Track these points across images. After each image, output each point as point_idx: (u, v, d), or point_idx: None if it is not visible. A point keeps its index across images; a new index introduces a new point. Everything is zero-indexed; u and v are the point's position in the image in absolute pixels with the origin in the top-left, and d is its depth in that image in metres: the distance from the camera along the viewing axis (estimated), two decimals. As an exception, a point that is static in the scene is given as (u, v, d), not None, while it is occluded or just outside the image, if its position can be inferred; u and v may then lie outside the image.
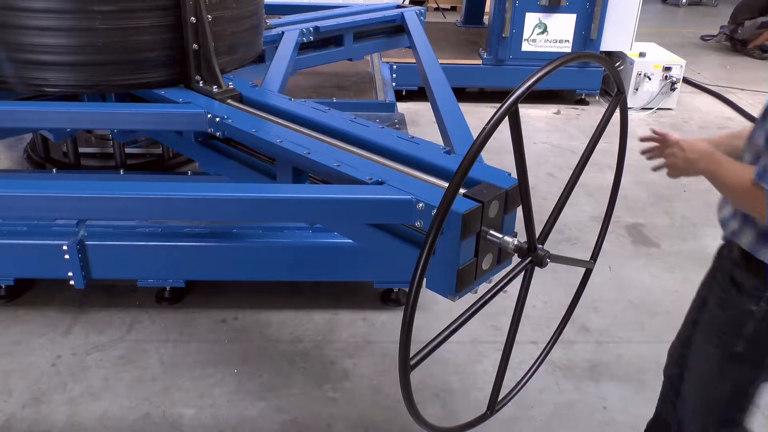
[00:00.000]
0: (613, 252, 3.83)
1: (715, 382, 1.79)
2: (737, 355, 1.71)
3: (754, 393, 1.79)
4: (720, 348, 1.75)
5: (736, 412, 1.82)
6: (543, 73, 1.32)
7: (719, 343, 1.75)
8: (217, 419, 2.62)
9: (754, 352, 1.69)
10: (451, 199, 1.30)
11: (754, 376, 1.74)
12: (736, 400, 1.80)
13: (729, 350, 1.72)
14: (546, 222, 1.66)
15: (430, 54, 3.11)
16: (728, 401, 1.80)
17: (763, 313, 1.63)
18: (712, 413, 1.84)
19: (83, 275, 2.98)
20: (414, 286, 1.31)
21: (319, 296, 3.39)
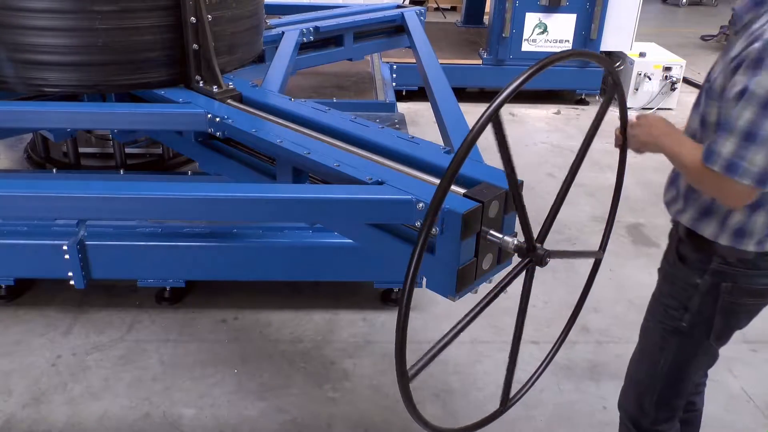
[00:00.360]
0: (613, 252, 3.83)
1: (656, 356, 1.81)
2: (680, 328, 1.73)
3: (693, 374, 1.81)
4: (664, 322, 1.78)
5: (674, 393, 1.83)
6: (528, 75, 1.33)
7: (664, 316, 1.78)
8: (217, 419, 2.62)
9: (697, 327, 1.71)
10: (442, 195, 1.31)
11: (695, 352, 1.75)
12: (675, 379, 1.81)
13: (673, 324, 1.75)
14: (545, 221, 1.66)
15: (430, 54, 3.11)
16: (666, 378, 1.81)
17: (707, 286, 1.66)
18: (651, 390, 1.85)
19: (83, 275, 2.98)
20: (407, 285, 1.30)
21: (319, 296, 3.39)
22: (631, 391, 1.96)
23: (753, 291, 1.66)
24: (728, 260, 1.62)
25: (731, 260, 1.62)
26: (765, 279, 1.65)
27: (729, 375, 2.92)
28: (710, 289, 1.66)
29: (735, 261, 1.62)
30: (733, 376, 2.91)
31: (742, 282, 1.64)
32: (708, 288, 1.66)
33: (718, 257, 1.63)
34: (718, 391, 2.82)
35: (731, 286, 1.64)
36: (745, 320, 1.74)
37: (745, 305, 1.68)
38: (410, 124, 5.09)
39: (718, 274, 1.64)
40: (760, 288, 1.66)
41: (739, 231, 1.58)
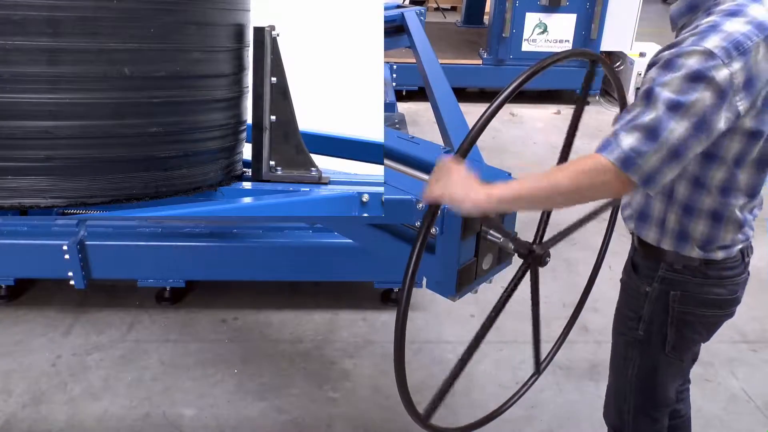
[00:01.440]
0: (613, 252, 3.82)
1: (623, 367, 1.79)
2: (638, 338, 1.70)
3: (662, 383, 1.77)
4: (624, 333, 1.75)
5: (649, 403, 1.80)
6: (524, 78, 1.35)
7: (623, 328, 1.75)
8: (217, 419, 2.62)
9: (652, 337, 1.67)
10: None
11: (656, 362, 1.71)
12: (644, 389, 1.78)
13: (632, 335, 1.72)
14: (540, 221, 1.67)
15: (430, 54, 3.10)
16: (637, 389, 1.78)
17: (656, 293, 1.62)
18: (626, 402, 1.83)
19: (83, 275, 2.98)
20: (405, 287, 1.31)
21: (319, 296, 3.39)
22: (611, 402, 1.93)
23: (705, 301, 1.60)
24: (674, 267, 1.58)
25: (677, 267, 1.57)
26: (717, 289, 1.59)
27: (729, 375, 2.91)
28: (659, 297, 1.62)
29: (681, 268, 1.57)
30: (733, 376, 2.91)
31: (691, 290, 1.58)
32: (657, 296, 1.62)
33: (665, 264, 1.59)
34: (718, 391, 2.82)
35: (680, 294, 1.59)
36: (704, 332, 1.69)
37: (699, 315, 1.62)
38: (410, 124, 5.08)
39: (665, 281, 1.60)
40: (712, 298, 1.59)
41: (680, 234, 1.54)
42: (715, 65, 1.26)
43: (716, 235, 1.52)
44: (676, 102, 1.27)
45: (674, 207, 1.54)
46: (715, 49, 1.27)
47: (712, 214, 1.50)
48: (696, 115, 1.27)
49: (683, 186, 1.50)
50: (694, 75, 1.27)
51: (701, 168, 1.46)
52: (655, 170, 1.29)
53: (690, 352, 1.74)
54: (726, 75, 1.27)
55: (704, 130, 1.28)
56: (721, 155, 1.43)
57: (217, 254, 3.02)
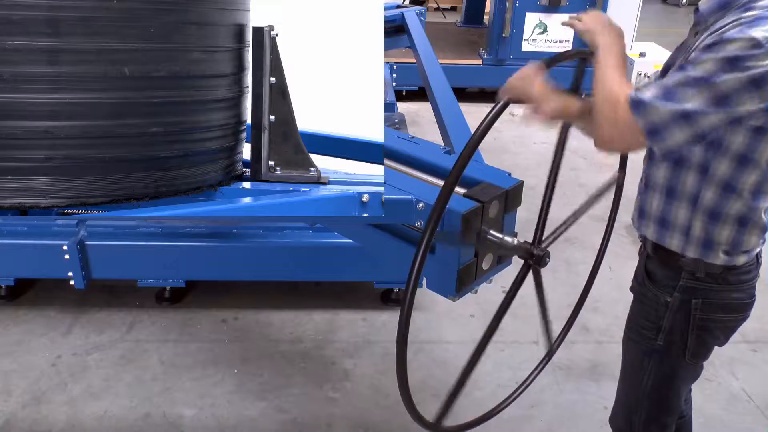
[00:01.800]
0: (613, 252, 3.82)
1: (638, 376, 1.77)
2: (656, 348, 1.68)
3: (678, 391, 1.76)
4: (640, 343, 1.73)
5: (662, 411, 1.80)
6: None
7: (639, 336, 1.73)
8: (217, 419, 2.62)
9: (672, 346, 1.66)
10: (447, 195, 1.31)
11: (675, 371, 1.71)
12: (659, 397, 1.77)
13: (648, 345, 1.70)
14: (537, 221, 1.67)
15: (430, 54, 3.10)
16: (651, 397, 1.77)
17: (677, 304, 1.61)
18: (638, 410, 1.82)
19: (83, 275, 2.98)
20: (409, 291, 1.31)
21: (319, 296, 3.39)
22: (620, 410, 1.92)
23: (725, 306, 1.60)
24: (696, 275, 1.57)
25: (699, 275, 1.56)
26: (736, 293, 1.58)
27: (729, 375, 2.91)
28: (681, 307, 1.61)
29: (703, 276, 1.56)
30: (733, 376, 2.91)
31: (712, 297, 1.58)
32: (678, 305, 1.61)
33: (687, 273, 1.57)
34: (718, 391, 2.82)
35: (702, 302, 1.58)
36: (722, 337, 1.68)
37: (719, 321, 1.62)
38: (410, 124, 5.08)
39: (687, 290, 1.59)
40: (732, 303, 1.59)
41: (705, 242, 1.53)
42: (758, 54, 1.24)
43: (740, 240, 1.51)
44: (703, 78, 1.27)
45: (699, 214, 1.52)
46: (763, 39, 1.25)
47: (739, 219, 1.49)
48: (719, 91, 1.26)
49: (711, 191, 1.48)
50: (731, 59, 1.25)
51: (735, 172, 1.45)
52: (661, 123, 1.29)
53: (707, 357, 1.73)
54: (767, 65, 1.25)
55: (724, 106, 1.28)
56: (756, 159, 1.42)
57: (217, 254, 3.02)
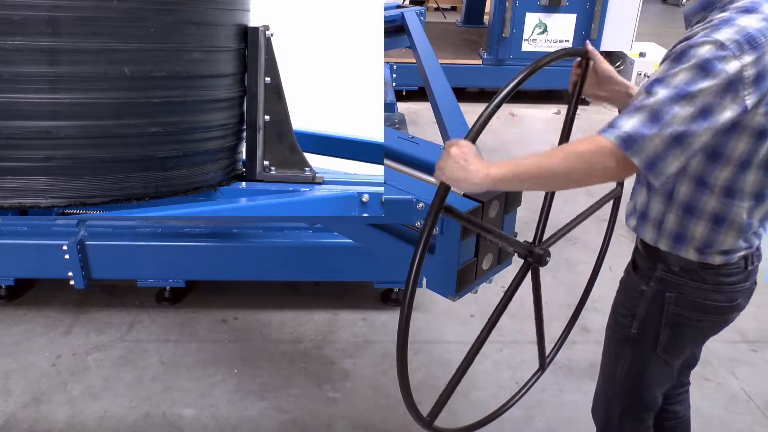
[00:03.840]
0: (613, 252, 3.81)
1: (614, 365, 1.79)
2: (630, 336, 1.70)
3: (651, 383, 1.77)
4: (617, 331, 1.76)
5: (637, 403, 1.81)
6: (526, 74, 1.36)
7: (616, 326, 1.76)
8: (217, 419, 2.62)
9: (645, 336, 1.67)
10: (444, 194, 1.31)
11: (646, 361, 1.71)
12: (632, 389, 1.78)
13: (624, 332, 1.72)
14: (538, 221, 1.67)
15: (430, 54, 3.10)
16: (625, 388, 1.79)
17: (652, 292, 1.62)
18: (615, 400, 1.84)
19: (83, 275, 2.98)
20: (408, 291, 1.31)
21: (319, 296, 3.39)
22: (599, 401, 1.94)
23: (700, 306, 1.58)
24: (672, 268, 1.57)
25: (675, 268, 1.57)
26: (715, 294, 1.57)
27: (729, 375, 2.91)
28: (655, 297, 1.61)
29: (678, 270, 1.57)
30: (733, 376, 2.91)
31: (687, 294, 1.57)
32: (653, 295, 1.62)
33: (663, 264, 1.59)
34: (718, 391, 2.82)
35: (676, 296, 1.58)
36: (697, 337, 1.69)
37: (694, 319, 1.61)
38: (410, 124, 5.09)
39: (662, 282, 1.60)
40: (707, 304, 1.58)
41: (677, 236, 1.54)
42: (725, 56, 1.25)
43: (715, 238, 1.50)
44: (681, 91, 1.26)
45: (674, 207, 1.52)
46: (727, 41, 1.26)
47: (713, 216, 1.48)
48: (700, 103, 1.25)
49: (685, 185, 1.48)
50: (702, 64, 1.25)
51: (706, 167, 1.44)
52: (657, 154, 1.27)
53: (682, 355, 1.73)
54: (736, 67, 1.25)
55: (708, 118, 1.26)
56: (726, 154, 1.40)
57: (217, 254, 3.02)
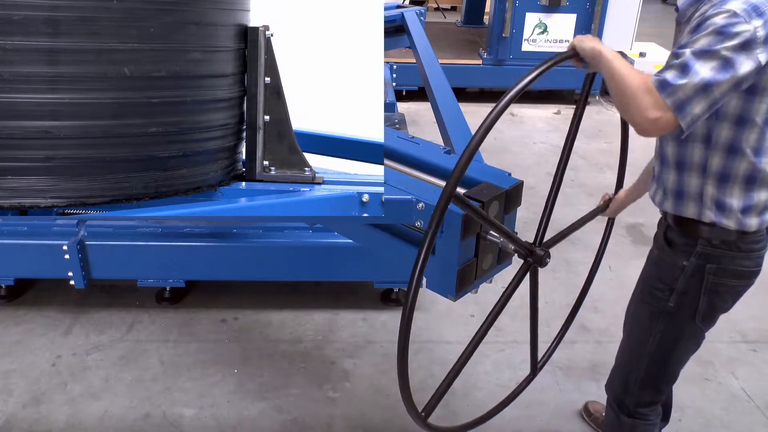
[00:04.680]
0: (613, 252, 3.82)
1: (644, 336, 1.90)
2: (667, 309, 1.82)
3: (678, 357, 1.90)
4: (651, 304, 1.86)
5: (659, 376, 1.93)
6: (537, 74, 1.36)
7: (651, 298, 1.86)
8: (217, 419, 2.62)
9: (683, 307, 1.79)
10: (449, 197, 1.31)
11: (681, 333, 1.84)
12: (661, 360, 1.90)
13: (659, 305, 1.83)
14: (540, 221, 1.67)
15: (430, 54, 3.10)
16: (653, 358, 1.90)
17: (693, 268, 1.75)
18: (636, 370, 1.95)
19: (83, 275, 2.98)
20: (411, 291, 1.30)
21: (319, 296, 3.39)
22: (618, 372, 2.05)
23: (736, 272, 1.74)
24: (713, 243, 1.71)
25: (715, 242, 1.70)
26: (747, 261, 1.73)
27: (729, 375, 2.91)
28: (696, 271, 1.74)
29: (719, 243, 1.70)
30: (733, 376, 2.91)
31: (726, 264, 1.72)
32: (694, 270, 1.74)
33: (704, 240, 1.71)
34: (718, 391, 2.82)
35: (716, 267, 1.72)
36: (729, 302, 1.82)
37: (729, 286, 1.76)
38: (410, 124, 5.09)
39: (703, 256, 1.72)
40: (742, 270, 1.74)
41: (719, 204, 1.66)
42: (738, 22, 1.43)
43: (752, 197, 1.65)
44: (704, 49, 1.43)
45: (710, 179, 1.66)
46: (738, 9, 1.44)
47: (746, 178, 1.63)
48: (722, 58, 1.42)
49: (718, 156, 1.63)
50: (719, 30, 1.43)
51: (736, 133, 1.59)
52: (686, 98, 1.42)
53: (714, 321, 1.85)
54: (749, 29, 1.42)
55: (729, 70, 1.43)
56: (752, 118, 1.56)
57: (217, 254, 3.02)
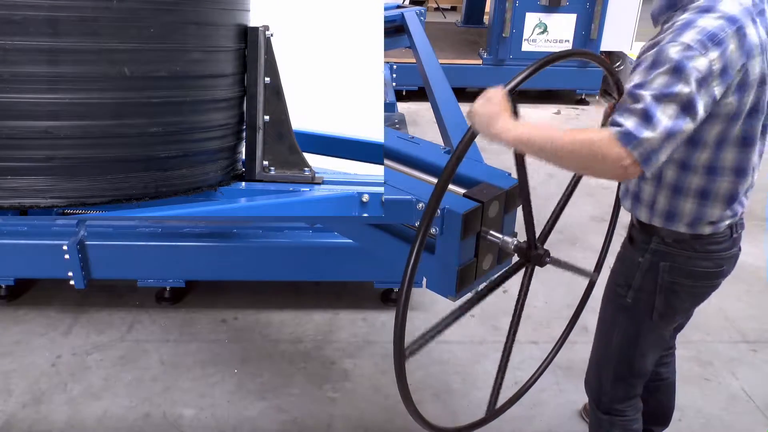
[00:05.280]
0: (614, 252, 3.82)
1: (608, 333, 1.93)
2: (626, 305, 1.82)
3: (643, 351, 1.89)
4: (613, 300, 1.88)
5: (628, 370, 1.93)
6: (532, 70, 1.37)
7: (613, 294, 1.88)
8: (217, 419, 2.62)
9: (640, 304, 1.79)
10: (440, 194, 1.31)
11: (640, 329, 1.84)
12: (626, 355, 1.90)
13: (619, 301, 1.84)
14: (546, 223, 1.67)
15: (430, 54, 3.10)
16: (619, 354, 1.91)
17: (647, 264, 1.74)
18: (607, 367, 1.96)
19: (83, 275, 2.98)
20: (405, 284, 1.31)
21: (319, 296, 3.39)
22: (592, 369, 2.06)
23: (692, 273, 1.71)
24: (666, 240, 1.70)
25: (668, 240, 1.69)
26: (705, 261, 1.70)
27: (729, 375, 2.91)
28: (650, 267, 1.74)
29: (671, 241, 1.69)
30: (733, 376, 2.91)
31: (680, 263, 1.70)
32: (648, 266, 1.74)
33: (657, 237, 1.71)
34: (718, 391, 2.82)
35: (669, 265, 1.71)
36: (688, 302, 1.80)
37: (686, 286, 1.74)
38: (410, 124, 5.08)
39: (657, 253, 1.72)
40: (699, 270, 1.71)
41: (668, 214, 1.66)
42: (693, 55, 1.36)
43: (703, 212, 1.63)
44: (660, 94, 1.36)
45: (663, 189, 1.65)
46: (692, 42, 1.37)
47: (699, 192, 1.61)
48: (680, 102, 1.35)
49: (671, 170, 1.61)
50: (675, 67, 1.36)
51: (687, 152, 1.56)
52: (652, 150, 1.36)
53: (674, 321, 1.86)
54: (704, 63, 1.36)
55: (690, 113, 1.37)
56: (704, 138, 1.53)
57: (217, 254, 3.02)
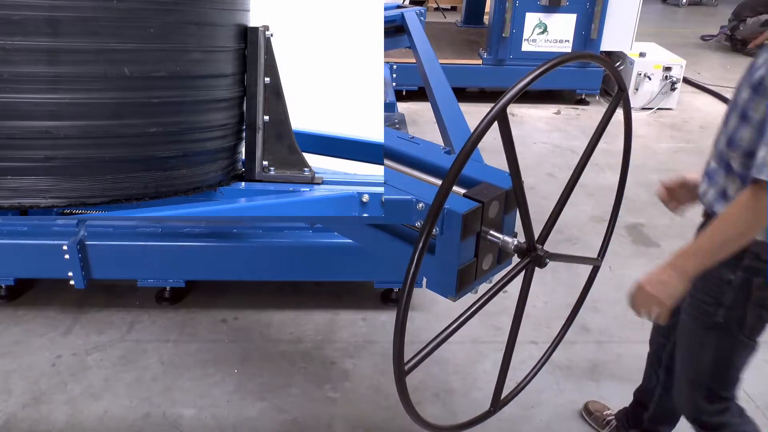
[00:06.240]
0: (614, 252, 3.83)
1: (698, 353, 1.89)
2: (717, 324, 1.80)
3: (737, 366, 1.88)
4: (701, 319, 1.84)
5: (722, 386, 1.91)
6: (537, 74, 1.34)
7: (699, 312, 1.84)
8: (217, 419, 2.62)
9: (733, 321, 1.78)
10: (445, 194, 1.30)
11: (734, 346, 1.83)
12: (720, 372, 1.88)
13: (709, 320, 1.81)
14: (546, 222, 1.67)
15: (430, 54, 3.10)
16: (713, 373, 1.88)
17: (740, 282, 1.72)
18: (700, 386, 1.93)
19: (83, 275, 2.98)
20: (406, 287, 1.30)
21: (320, 296, 3.39)
22: (683, 392, 2.02)
23: None
24: (761, 257, 1.68)
25: (763, 257, 1.68)
26: None
27: (729, 375, 2.91)
28: (743, 285, 1.72)
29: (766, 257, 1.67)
30: (733, 376, 2.90)
31: None
32: (741, 284, 1.72)
33: (750, 254, 1.68)
34: (718, 391, 2.82)
35: (762, 281, 1.70)
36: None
37: None
38: (410, 124, 5.09)
39: (750, 270, 1.70)
40: None
41: None
42: None
43: None
44: None
45: None
46: None
47: None
48: None
49: None
50: None
51: None
52: None
53: (763, 332, 1.84)
54: None
55: None
56: None
57: (217, 254, 3.02)
